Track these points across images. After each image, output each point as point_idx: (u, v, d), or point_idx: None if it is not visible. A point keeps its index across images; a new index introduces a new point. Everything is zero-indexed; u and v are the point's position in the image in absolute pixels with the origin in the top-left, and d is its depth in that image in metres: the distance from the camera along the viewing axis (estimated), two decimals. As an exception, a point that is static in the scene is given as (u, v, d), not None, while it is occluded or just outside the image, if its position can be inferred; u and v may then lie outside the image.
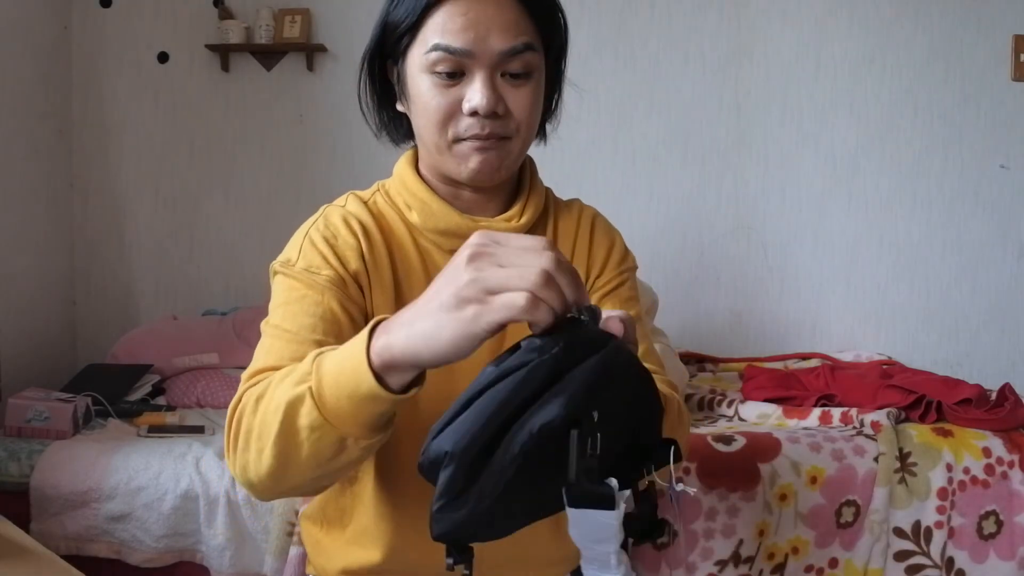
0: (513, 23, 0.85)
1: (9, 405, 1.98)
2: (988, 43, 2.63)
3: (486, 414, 0.54)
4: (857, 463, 1.75)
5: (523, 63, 0.86)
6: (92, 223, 2.80)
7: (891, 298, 2.73)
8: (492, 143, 0.87)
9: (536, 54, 0.87)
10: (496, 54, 0.85)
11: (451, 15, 0.84)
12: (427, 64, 0.85)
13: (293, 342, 0.84)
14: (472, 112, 0.85)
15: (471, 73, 0.85)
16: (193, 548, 1.81)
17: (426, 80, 0.86)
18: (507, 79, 0.86)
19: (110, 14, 2.74)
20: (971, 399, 1.91)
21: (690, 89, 2.71)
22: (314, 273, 0.89)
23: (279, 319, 0.87)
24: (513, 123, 0.88)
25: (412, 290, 0.93)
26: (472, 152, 0.87)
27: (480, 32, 0.84)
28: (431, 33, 0.85)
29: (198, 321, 2.59)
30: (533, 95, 0.88)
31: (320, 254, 0.90)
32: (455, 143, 0.88)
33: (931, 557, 1.75)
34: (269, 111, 2.76)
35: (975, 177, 2.68)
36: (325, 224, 0.93)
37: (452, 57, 0.84)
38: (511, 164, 0.91)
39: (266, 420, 0.72)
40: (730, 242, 2.76)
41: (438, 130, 0.87)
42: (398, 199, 0.97)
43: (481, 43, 0.84)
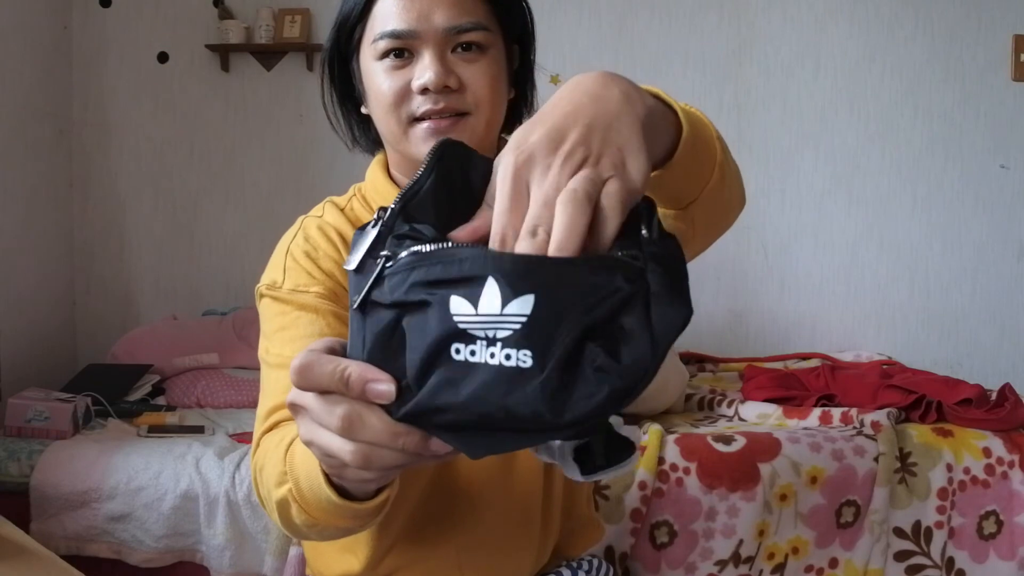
0: (458, 2, 0.83)
1: (9, 405, 1.98)
2: (988, 43, 2.63)
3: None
4: (857, 463, 1.75)
5: (473, 39, 0.84)
6: (92, 223, 2.80)
7: (891, 298, 2.73)
8: (450, 122, 0.84)
9: (488, 33, 0.85)
10: (442, 31, 0.83)
11: (395, 1, 0.83)
12: (376, 53, 0.85)
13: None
14: (422, 89, 0.83)
15: (419, 53, 0.84)
16: (193, 548, 1.81)
17: (377, 67, 0.85)
18: (458, 54, 0.84)
19: (110, 14, 2.74)
20: (971, 399, 1.91)
21: (690, 89, 2.71)
22: (302, 292, 0.87)
23: (278, 347, 0.85)
24: (470, 97, 0.85)
25: None
26: (430, 132, 0.84)
27: (423, 10, 0.82)
28: (378, 23, 0.84)
29: (198, 321, 2.58)
30: (490, 69, 0.85)
31: (304, 271, 0.89)
32: (410, 124, 0.85)
33: (931, 557, 1.75)
34: (269, 111, 2.76)
35: (975, 177, 2.68)
36: (304, 238, 0.92)
37: (398, 40, 0.83)
38: (477, 143, 0.84)
39: (269, 508, 0.74)
40: (730, 242, 2.75)
41: (392, 113, 0.85)
42: (373, 203, 0.96)
43: (425, 21, 0.82)
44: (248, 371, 2.34)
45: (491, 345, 0.42)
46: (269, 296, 0.89)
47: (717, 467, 1.72)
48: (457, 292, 0.43)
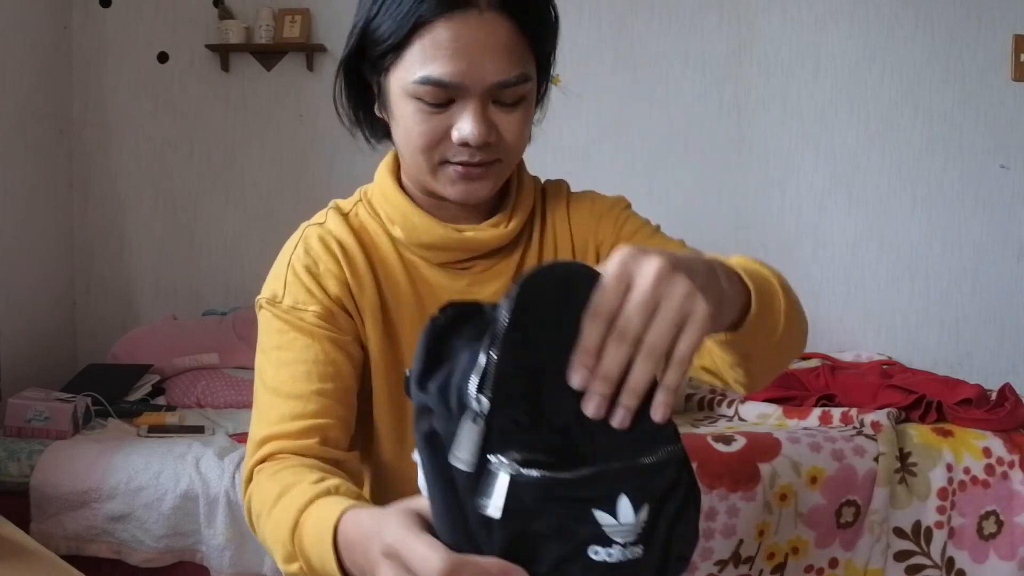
0: (507, 50, 0.79)
1: (9, 405, 1.98)
2: (988, 43, 2.63)
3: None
4: (857, 463, 1.75)
5: (516, 93, 0.81)
6: (92, 223, 2.80)
7: (891, 298, 2.73)
8: (481, 170, 0.83)
9: (530, 82, 0.82)
10: (488, 85, 0.79)
11: (440, 41, 0.77)
12: (413, 92, 0.79)
13: (291, 398, 0.83)
14: (462, 143, 0.80)
15: (461, 101, 0.80)
16: (193, 548, 1.81)
17: (411, 105, 0.80)
18: (498, 106, 0.81)
19: (110, 14, 2.74)
20: (971, 399, 1.91)
21: (690, 89, 2.71)
22: (301, 310, 0.87)
23: (273, 372, 0.86)
24: (503, 145, 0.83)
25: (399, 308, 0.91)
26: (459, 178, 0.83)
27: (473, 62, 0.77)
28: (418, 59, 0.78)
29: (198, 321, 2.59)
30: (525, 117, 0.84)
31: (304, 287, 0.88)
32: (441, 165, 0.83)
33: (931, 557, 1.75)
34: (269, 111, 2.76)
35: (975, 177, 2.68)
36: (305, 251, 0.91)
37: (442, 90, 0.78)
38: (499, 183, 0.87)
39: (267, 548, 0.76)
40: (730, 242, 2.76)
41: (423, 155, 0.82)
42: (380, 211, 0.93)
43: (473, 74, 0.78)
44: (248, 371, 2.34)
45: (623, 546, 0.53)
46: (269, 310, 0.89)
47: (717, 467, 1.72)
48: (597, 507, 0.53)
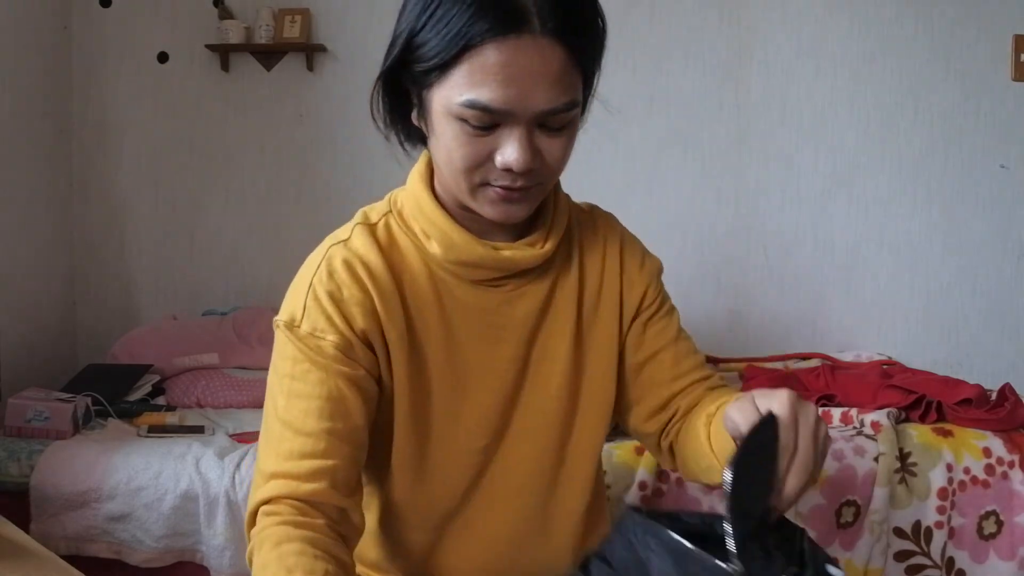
0: (559, 77, 0.76)
1: (9, 405, 1.98)
2: (988, 43, 2.63)
3: None
4: (857, 463, 1.75)
5: (563, 120, 0.79)
6: (92, 223, 2.80)
7: (891, 298, 2.73)
8: (522, 194, 0.81)
9: (578, 107, 0.80)
10: (537, 113, 0.76)
11: (489, 65, 0.74)
12: (458, 113, 0.76)
13: (301, 434, 0.83)
14: (506, 168, 0.78)
15: (506, 127, 0.77)
16: (193, 548, 1.81)
17: (454, 126, 0.78)
18: (543, 131, 0.79)
19: (110, 14, 2.74)
20: (971, 399, 1.91)
21: (690, 89, 2.71)
22: (319, 338, 0.85)
23: (285, 402, 0.85)
24: (546, 169, 0.81)
25: (426, 328, 0.89)
26: (499, 199, 0.82)
27: (522, 89, 0.74)
28: (464, 81, 0.75)
29: (198, 321, 2.59)
30: (569, 142, 0.82)
31: (325, 314, 0.85)
32: (481, 187, 0.81)
33: (931, 557, 1.75)
34: (269, 111, 2.76)
35: (975, 177, 2.68)
36: (328, 274, 0.87)
37: (488, 116, 0.76)
38: (537, 204, 0.86)
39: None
40: (730, 242, 2.76)
41: (464, 176, 0.80)
42: (414, 225, 0.90)
43: (522, 101, 0.75)
44: (248, 371, 2.34)
45: None
46: (286, 334, 0.87)
47: (717, 467, 1.71)
48: None
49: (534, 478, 0.97)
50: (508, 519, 0.97)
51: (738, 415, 0.73)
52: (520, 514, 0.97)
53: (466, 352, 0.91)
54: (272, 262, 2.79)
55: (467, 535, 0.96)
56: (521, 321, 0.93)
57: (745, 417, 0.72)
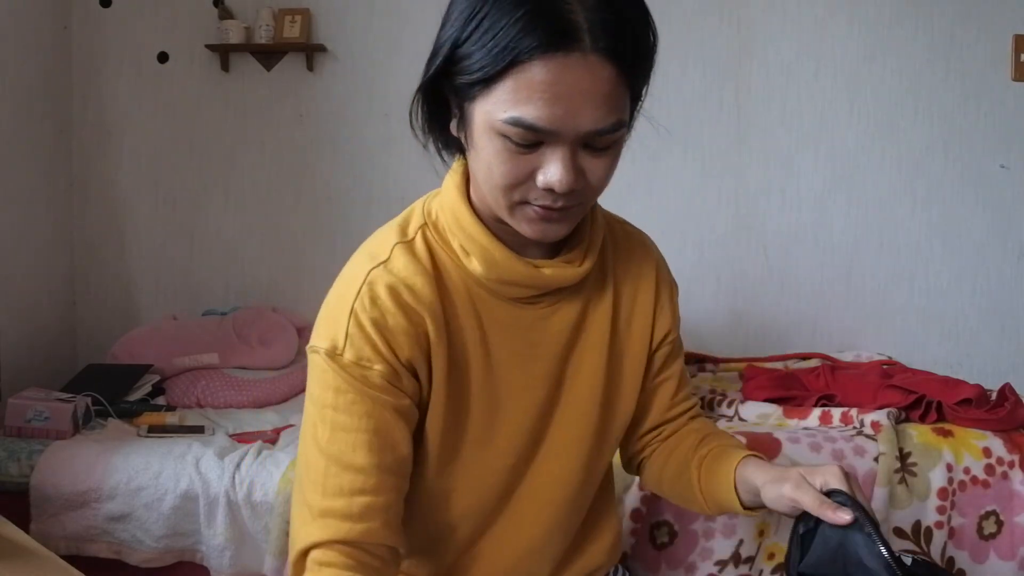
0: (607, 97, 0.73)
1: (9, 405, 1.98)
2: (988, 43, 2.63)
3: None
4: (857, 463, 1.75)
5: (609, 140, 0.76)
6: (92, 223, 2.80)
7: (891, 298, 2.73)
8: (561, 213, 0.79)
9: (625, 127, 0.78)
10: (583, 134, 0.74)
11: (536, 82, 0.70)
12: (500, 130, 0.73)
13: (350, 470, 0.79)
14: (548, 188, 0.76)
15: (551, 146, 0.74)
16: (193, 548, 1.81)
17: (496, 142, 0.75)
18: (588, 151, 0.76)
19: (110, 14, 2.74)
20: (971, 399, 1.91)
21: (690, 89, 2.71)
22: (365, 368, 0.81)
23: (329, 435, 0.80)
24: (588, 191, 0.79)
25: (466, 349, 0.87)
26: (538, 218, 0.79)
27: (569, 108, 0.71)
28: (509, 97, 0.72)
29: (198, 321, 2.59)
30: (613, 162, 0.79)
31: (370, 343, 0.81)
32: (520, 204, 0.79)
33: (931, 557, 1.74)
34: (269, 111, 2.76)
35: (975, 177, 2.68)
36: (372, 300, 0.82)
37: (533, 134, 0.73)
38: (576, 222, 0.84)
39: None
40: (730, 242, 2.76)
41: (503, 193, 0.78)
42: (453, 241, 0.86)
43: (569, 121, 0.72)
44: (248, 371, 2.34)
45: None
46: (327, 362, 0.82)
47: (717, 467, 1.71)
48: None
49: (561, 495, 0.96)
50: (534, 534, 0.96)
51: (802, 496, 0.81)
52: (544, 529, 0.97)
53: (503, 372, 0.90)
54: (272, 262, 2.79)
55: (491, 551, 0.96)
56: (555, 338, 0.92)
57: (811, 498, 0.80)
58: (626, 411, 0.99)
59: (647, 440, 1.05)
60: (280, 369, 2.38)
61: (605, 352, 0.95)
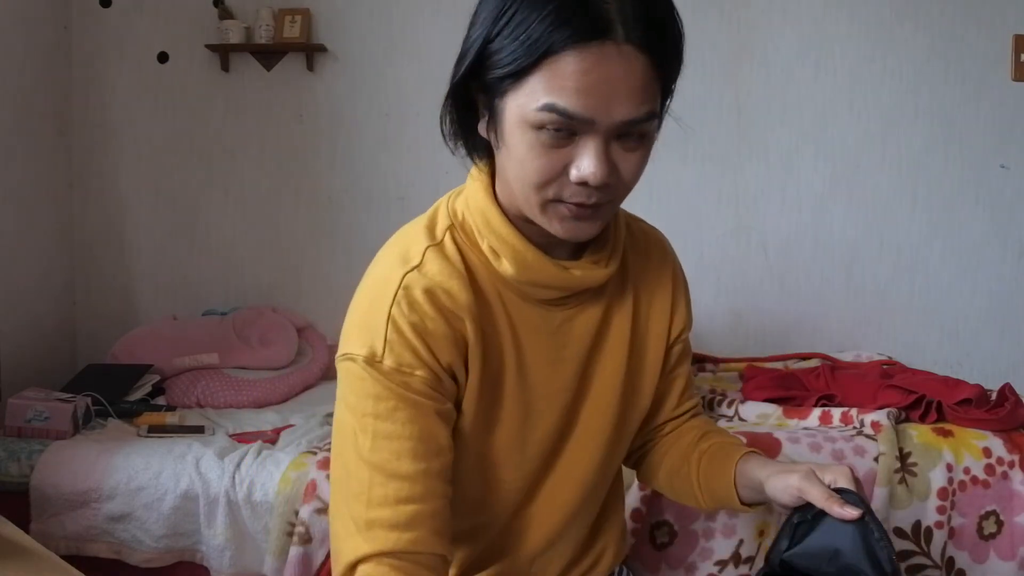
0: (640, 87, 0.73)
1: (9, 405, 1.98)
2: (988, 43, 2.63)
3: None
4: (857, 463, 1.75)
5: (641, 132, 0.76)
6: (92, 223, 2.80)
7: (891, 298, 2.73)
8: (593, 211, 0.79)
9: (656, 119, 0.78)
10: (617, 124, 0.73)
11: (568, 72, 0.71)
12: (534, 120, 0.73)
13: (396, 478, 0.78)
14: (581, 182, 0.75)
15: (583, 137, 0.74)
16: (193, 548, 1.81)
17: (529, 135, 0.74)
18: (621, 143, 0.76)
19: (110, 14, 2.74)
20: (971, 399, 1.91)
21: (690, 89, 2.70)
22: (407, 374, 0.80)
23: (371, 444, 0.79)
24: (620, 188, 0.79)
25: (501, 352, 0.87)
26: (569, 217, 0.79)
27: (603, 97, 0.71)
28: (543, 86, 0.72)
29: (198, 321, 2.59)
30: (643, 157, 0.79)
31: (411, 348, 0.80)
32: (552, 203, 0.78)
33: (931, 557, 1.74)
34: (269, 111, 2.76)
35: (975, 177, 2.68)
36: (410, 305, 0.81)
37: (567, 121, 0.72)
38: (606, 222, 0.84)
39: None
40: (730, 242, 2.76)
41: (536, 190, 0.77)
42: (482, 242, 0.86)
43: (603, 111, 0.72)
44: (248, 371, 2.35)
45: None
46: (365, 370, 0.80)
47: (717, 467, 1.71)
48: None
49: (579, 491, 0.97)
50: (550, 532, 0.97)
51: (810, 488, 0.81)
52: (560, 526, 0.97)
53: (534, 374, 0.90)
54: (272, 262, 2.79)
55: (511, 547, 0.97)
56: (581, 339, 0.92)
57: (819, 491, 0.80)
58: (644, 406, 1.00)
59: (649, 435, 1.07)
60: (280, 369, 2.38)
61: (626, 350, 0.96)
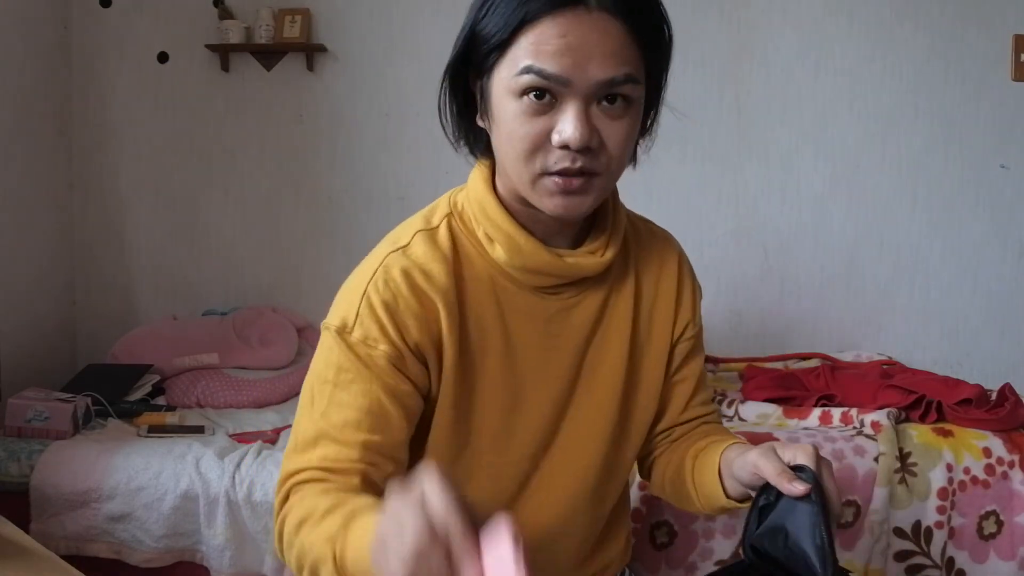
0: (616, 51, 0.76)
1: (9, 405, 1.98)
2: (988, 43, 2.63)
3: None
4: (857, 463, 1.75)
5: (622, 95, 0.78)
6: (92, 223, 2.80)
7: (891, 298, 2.73)
8: (581, 181, 0.80)
9: (638, 86, 0.80)
10: (594, 84, 0.76)
11: (548, 35, 0.75)
12: (516, 87, 0.77)
13: (336, 443, 0.82)
14: (563, 145, 0.78)
15: (563, 102, 0.77)
16: (193, 548, 1.81)
17: (513, 105, 0.78)
18: (602, 109, 0.78)
19: (110, 14, 2.74)
20: (971, 399, 1.91)
21: (690, 89, 2.70)
22: (370, 347, 0.83)
23: (324, 407, 0.83)
24: (604, 157, 0.80)
25: (485, 338, 0.88)
26: (558, 191, 0.80)
27: (579, 58, 0.75)
28: (523, 53, 0.76)
29: (198, 321, 2.59)
30: (629, 128, 0.81)
31: (378, 324, 0.83)
32: (540, 177, 0.80)
33: (931, 557, 1.75)
34: (269, 111, 2.76)
35: (975, 177, 2.68)
36: (385, 282, 0.84)
37: (545, 82, 0.76)
38: (598, 200, 0.84)
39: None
40: (730, 242, 2.76)
41: (524, 161, 0.80)
42: (477, 229, 0.88)
43: (579, 71, 0.75)
44: (248, 371, 2.34)
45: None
46: (335, 339, 0.85)
47: (717, 467, 1.71)
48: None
49: (578, 487, 0.96)
50: (551, 525, 0.96)
51: (764, 463, 0.78)
52: (561, 520, 0.96)
53: (523, 362, 0.91)
54: (272, 262, 2.79)
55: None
56: (577, 329, 0.93)
57: (773, 466, 0.78)
58: (647, 406, 0.99)
59: (658, 440, 1.05)
60: (280, 369, 2.38)
61: (626, 345, 0.95)
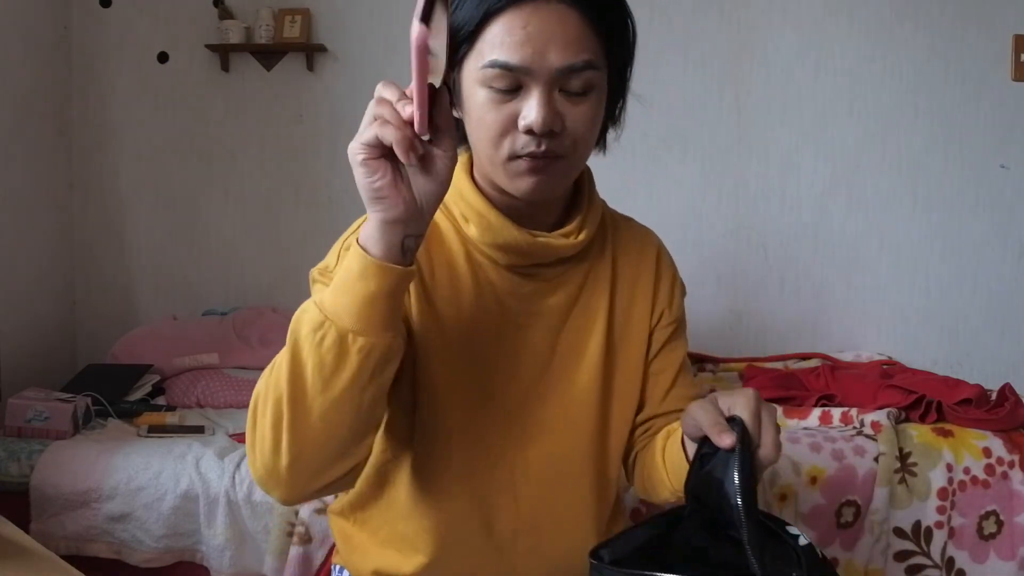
0: (575, 39, 0.80)
1: (9, 405, 1.98)
2: (988, 43, 2.63)
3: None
4: (857, 463, 1.75)
5: (583, 81, 0.82)
6: (92, 223, 2.80)
7: (891, 298, 2.73)
8: (547, 163, 0.84)
9: (597, 72, 0.83)
10: (554, 70, 0.80)
11: (510, 27, 0.80)
12: (483, 78, 0.81)
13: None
14: (527, 130, 0.81)
15: (527, 88, 0.81)
16: (193, 548, 1.81)
17: (481, 93, 0.82)
18: (565, 95, 0.82)
19: (110, 14, 2.74)
20: (971, 399, 1.91)
21: (690, 89, 2.71)
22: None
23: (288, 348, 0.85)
24: (568, 140, 0.84)
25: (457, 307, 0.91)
26: (526, 172, 0.84)
27: (538, 47, 0.79)
28: (488, 46, 0.81)
29: (198, 321, 2.59)
30: (592, 112, 0.84)
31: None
32: (510, 160, 0.84)
33: (931, 557, 1.75)
34: (269, 111, 2.76)
35: (975, 177, 2.68)
36: (359, 226, 0.91)
37: (509, 73, 0.80)
38: (566, 182, 0.89)
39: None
40: (730, 242, 2.76)
41: (493, 146, 0.84)
42: (454, 209, 0.93)
43: (539, 59, 0.80)
44: (248, 371, 2.34)
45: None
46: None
47: (717, 467, 1.71)
48: None
49: (563, 469, 0.96)
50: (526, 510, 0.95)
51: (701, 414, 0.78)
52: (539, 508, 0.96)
53: (493, 337, 0.93)
54: (272, 262, 2.79)
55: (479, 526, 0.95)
56: (552, 311, 0.95)
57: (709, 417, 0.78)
58: (632, 393, 1.00)
59: (638, 435, 1.04)
60: (280, 369, 2.38)
61: (603, 332, 0.96)
